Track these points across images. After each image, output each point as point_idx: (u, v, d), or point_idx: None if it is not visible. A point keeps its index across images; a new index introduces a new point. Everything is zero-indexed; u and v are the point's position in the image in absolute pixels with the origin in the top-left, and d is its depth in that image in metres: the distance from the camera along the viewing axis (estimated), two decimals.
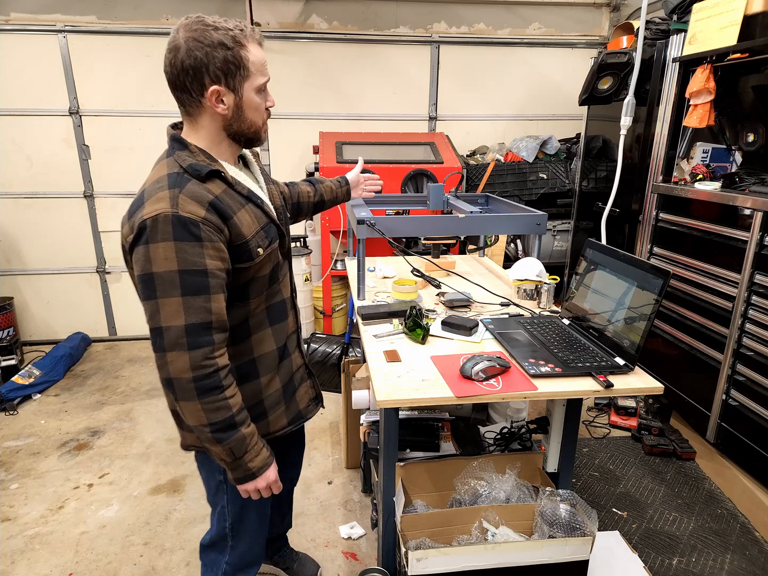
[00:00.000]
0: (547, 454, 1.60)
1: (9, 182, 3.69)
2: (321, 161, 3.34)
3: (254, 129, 1.15)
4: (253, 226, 1.13)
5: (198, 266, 1.02)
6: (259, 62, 1.10)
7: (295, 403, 1.37)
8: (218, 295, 1.06)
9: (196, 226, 1.01)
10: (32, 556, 2.04)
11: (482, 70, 3.95)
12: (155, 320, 1.04)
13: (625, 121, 2.69)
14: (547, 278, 1.86)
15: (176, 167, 1.08)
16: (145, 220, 1.01)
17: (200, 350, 1.04)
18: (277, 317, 1.27)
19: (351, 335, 3.24)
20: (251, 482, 1.17)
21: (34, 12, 3.46)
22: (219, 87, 1.06)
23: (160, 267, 1.01)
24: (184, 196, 1.03)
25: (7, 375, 3.31)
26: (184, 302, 1.02)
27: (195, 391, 1.04)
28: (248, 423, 1.13)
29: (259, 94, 1.12)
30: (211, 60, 1.03)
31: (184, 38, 1.03)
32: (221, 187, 1.10)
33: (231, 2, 3.59)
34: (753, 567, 1.94)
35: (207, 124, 1.12)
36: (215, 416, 1.07)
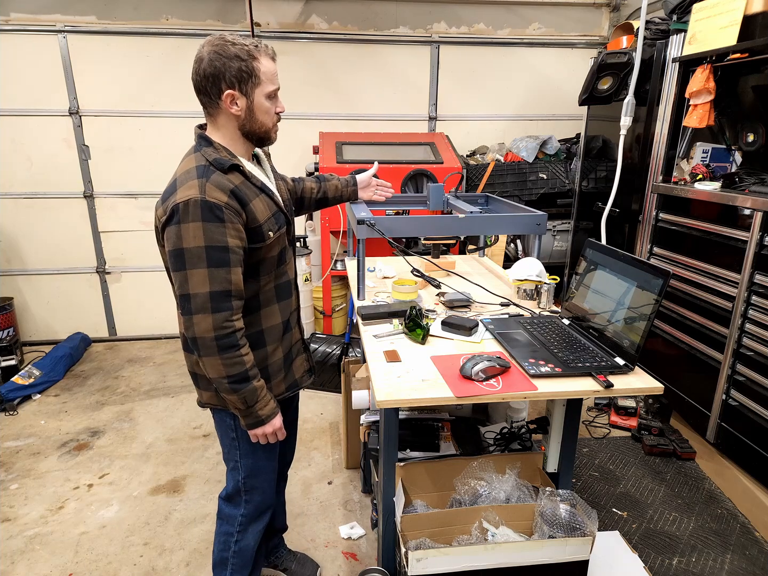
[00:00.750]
0: (547, 454, 1.60)
1: (9, 182, 3.69)
2: (321, 161, 3.34)
3: (264, 129, 1.33)
4: (265, 213, 1.32)
5: (221, 243, 1.21)
6: (269, 72, 1.27)
7: (292, 373, 1.53)
8: (237, 269, 1.24)
9: (220, 209, 1.20)
10: (32, 556, 2.04)
11: (482, 70, 3.95)
12: (184, 288, 1.22)
13: (624, 121, 2.69)
14: (547, 278, 1.86)
15: (203, 161, 1.26)
16: (178, 203, 1.19)
17: (222, 314, 1.22)
18: (283, 295, 1.45)
19: (351, 335, 3.24)
20: (261, 428, 1.36)
21: (34, 12, 3.46)
22: (233, 91, 1.24)
23: (189, 243, 1.19)
24: (210, 185, 1.21)
25: (7, 375, 3.31)
26: (209, 273, 1.20)
27: (216, 348, 1.23)
28: (259, 378, 1.32)
29: (269, 99, 1.30)
30: (228, 69, 1.22)
31: (207, 51, 1.23)
32: (240, 178, 1.29)
33: (231, 2, 3.59)
34: (753, 567, 1.94)
35: (225, 124, 1.30)
36: (232, 370, 1.26)
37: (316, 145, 3.60)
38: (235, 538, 1.55)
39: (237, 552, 1.55)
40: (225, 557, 1.56)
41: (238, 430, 1.45)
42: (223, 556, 1.56)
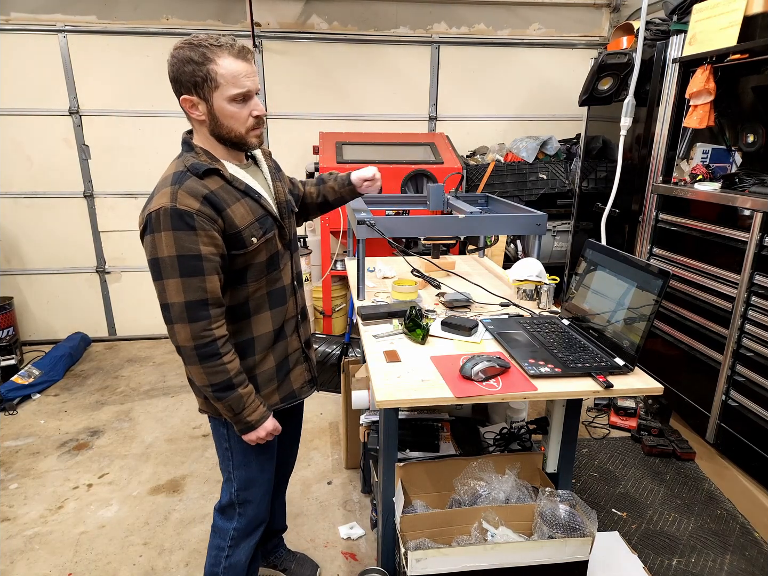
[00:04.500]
0: (547, 454, 1.60)
1: (9, 182, 3.69)
2: (321, 161, 3.34)
3: (234, 135, 1.26)
4: (247, 218, 1.27)
5: (193, 252, 1.18)
6: (231, 74, 1.19)
7: (289, 383, 1.49)
8: (212, 276, 1.22)
9: (191, 217, 1.17)
10: (31, 556, 2.03)
11: (482, 70, 3.95)
12: (163, 297, 1.21)
13: (625, 121, 2.69)
14: (546, 279, 1.86)
15: (182, 166, 1.24)
16: (151, 213, 1.18)
17: (199, 323, 1.21)
18: (276, 302, 1.40)
19: (351, 335, 3.24)
20: (252, 432, 1.35)
21: (34, 12, 3.46)
22: (190, 96, 1.21)
23: (163, 253, 1.18)
24: (182, 191, 1.18)
25: (7, 375, 3.30)
26: (182, 282, 1.19)
27: (197, 357, 1.23)
28: (245, 384, 1.31)
29: (234, 103, 1.22)
30: (182, 74, 1.19)
31: (170, 54, 1.20)
32: (218, 183, 1.25)
33: (231, 2, 3.59)
34: (752, 568, 1.94)
35: (199, 129, 1.28)
36: (215, 378, 1.25)
37: (316, 145, 3.60)
38: (226, 553, 1.52)
39: (227, 568, 1.52)
40: (216, 572, 1.54)
41: (231, 440, 1.43)
42: (214, 571, 1.54)
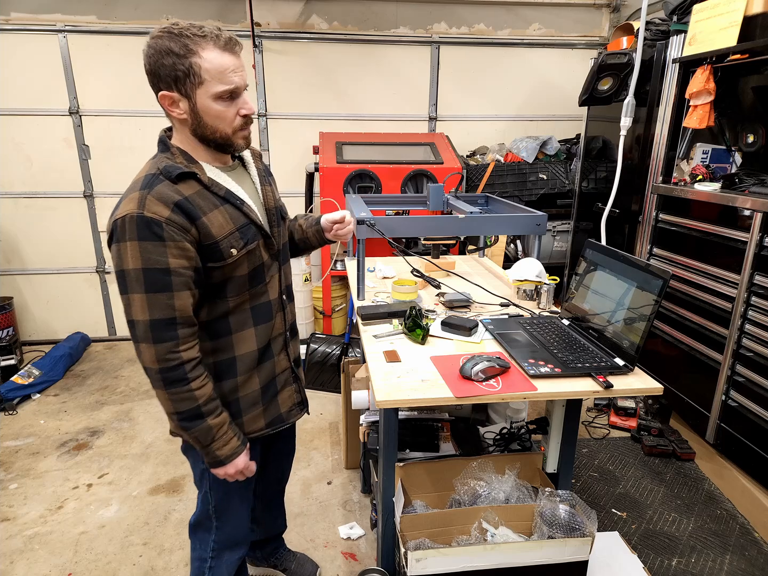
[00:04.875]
0: (547, 454, 1.60)
1: (9, 182, 3.69)
2: (321, 161, 3.34)
3: (219, 135, 1.15)
4: (226, 227, 1.16)
5: (161, 264, 1.07)
6: (216, 70, 1.08)
7: (276, 406, 1.38)
8: (182, 293, 1.10)
9: (159, 226, 1.06)
10: (31, 556, 2.03)
11: (482, 70, 3.95)
12: (128, 313, 1.11)
13: (625, 121, 2.69)
14: (546, 279, 1.86)
15: (154, 169, 1.13)
16: (117, 220, 1.08)
17: (164, 344, 1.10)
18: (261, 318, 1.29)
19: (351, 335, 3.24)
20: (221, 468, 1.24)
21: (34, 12, 3.46)
22: (170, 93, 1.10)
23: (128, 264, 1.07)
24: (151, 197, 1.07)
25: (7, 375, 3.30)
26: (147, 299, 1.08)
27: (162, 382, 1.12)
28: (217, 413, 1.18)
29: (220, 101, 1.11)
30: (161, 67, 1.07)
31: (146, 44, 1.08)
32: (195, 188, 1.13)
33: (231, 2, 3.59)
34: (752, 568, 1.94)
35: (179, 128, 1.17)
36: (180, 406, 1.14)
37: (316, 145, 3.60)
38: (209, 564, 1.45)
39: None
40: None
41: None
42: None
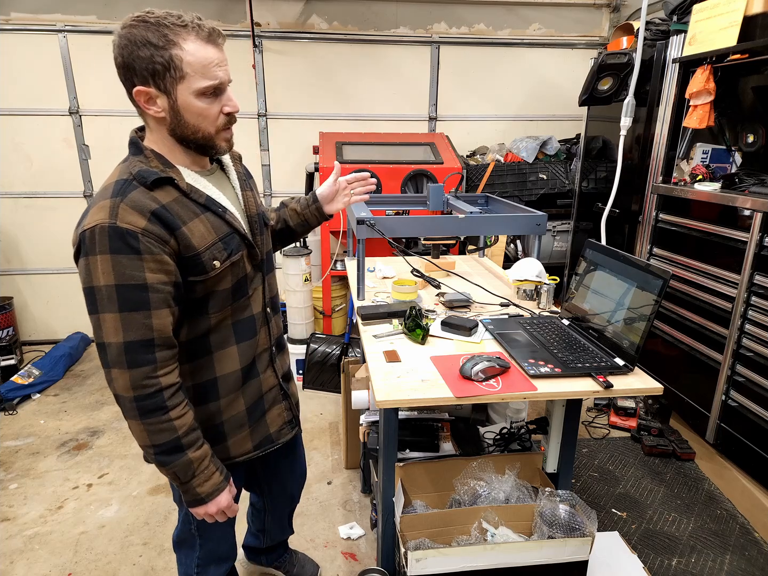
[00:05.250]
0: (547, 454, 1.60)
1: (9, 182, 3.69)
2: (321, 161, 3.34)
3: (201, 135, 1.06)
4: (208, 237, 1.07)
5: (137, 280, 0.97)
6: (200, 63, 0.99)
7: (264, 426, 1.29)
8: (160, 311, 1.01)
9: (135, 237, 0.96)
10: (31, 556, 2.03)
11: (482, 70, 3.94)
12: (98, 335, 1.00)
13: (625, 121, 2.69)
14: (546, 279, 1.86)
15: (126, 173, 1.03)
16: (85, 231, 0.98)
17: (140, 369, 0.99)
18: (244, 334, 1.20)
19: (351, 335, 3.24)
20: (201, 507, 1.12)
21: (34, 11, 3.46)
22: (146, 88, 1.00)
23: (99, 281, 0.97)
24: (124, 206, 0.98)
25: (7, 375, 3.30)
26: (122, 318, 0.98)
27: (136, 411, 1.01)
28: (198, 445, 1.08)
29: (203, 97, 1.02)
30: (136, 59, 0.98)
31: (118, 34, 0.99)
32: (173, 195, 1.04)
33: (231, 2, 3.59)
34: (752, 568, 1.94)
35: (155, 128, 1.07)
36: (158, 438, 1.03)
37: (316, 145, 3.60)
38: None
39: None
40: None
41: None
42: None
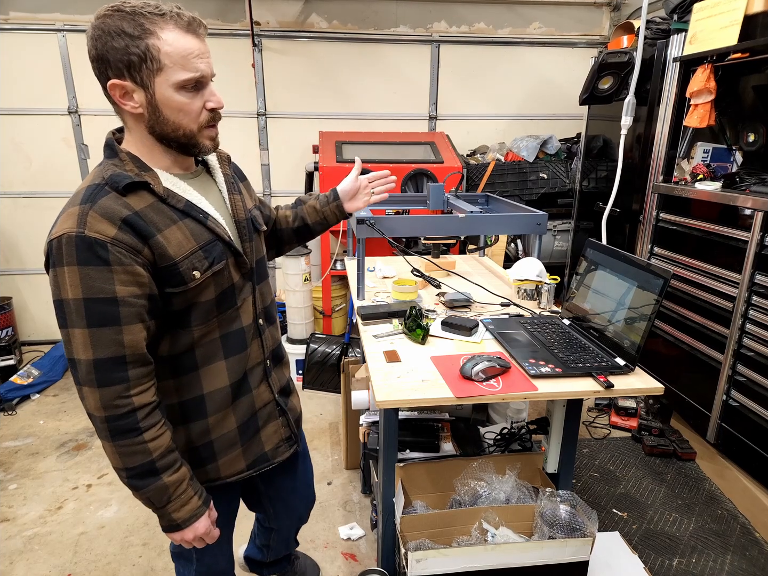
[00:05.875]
0: (547, 454, 1.60)
1: (8, 182, 3.68)
2: (321, 161, 3.33)
3: (183, 133, 0.99)
4: (186, 246, 1.00)
5: (106, 294, 0.92)
6: (178, 54, 0.93)
7: (259, 445, 1.22)
8: (133, 326, 0.95)
9: (104, 247, 0.91)
10: (31, 556, 2.03)
11: (482, 69, 3.94)
12: (68, 350, 0.96)
13: (625, 120, 2.68)
14: (547, 278, 1.85)
15: (99, 178, 0.98)
16: (53, 240, 0.93)
17: (111, 388, 0.94)
18: (233, 348, 1.12)
19: (350, 335, 3.23)
20: (177, 533, 1.06)
21: (33, 11, 3.45)
22: (121, 81, 0.94)
23: (67, 294, 0.92)
24: (94, 213, 0.92)
25: (6, 375, 3.30)
26: (90, 334, 0.92)
27: (108, 432, 0.96)
28: (175, 468, 1.02)
29: (183, 91, 0.96)
30: (110, 50, 0.91)
31: (91, 25, 0.93)
32: (148, 200, 0.98)
33: (231, 1, 3.59)
34: (753, 568, 1.94)
35: (133, 126, 1.02)
36: (130, 461, 0.98)
37: (315, 144, 3.59)
38: None
39: None
40: None
41: None
42: None
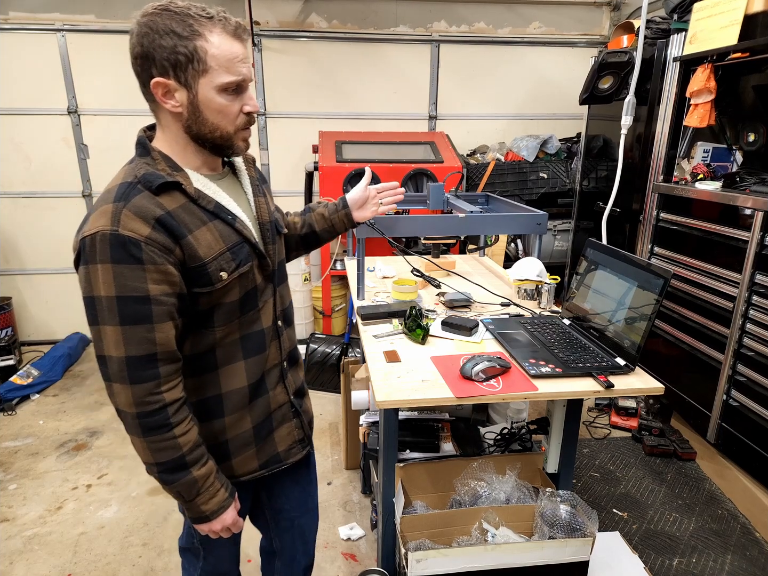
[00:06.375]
0: (548, 454, 1.60)
1: (8, 182, 3.68)
2: (320, 161, 3.33)
3: (220, 134, 1.01)
4: (215, 247, 1.02)
5: (139, 292, 0.93)
6: (224, 57, 0.94)
7: (272, 445, 1.23)
8: (164, 324, 0.96)
9: (138, 246, 0.92)
10: (31, 556, 2.03)
11: (482, 69, 3.94)
12: (98, 348, 0.97)
13: (625, 120, 2.68)
14: (547, 278, 1.85)
15: (131, 176, 0.99)
16: (85, 238, 0.93)
17: (143, 385, 0.96)
18: (253, 349, 1.14)
19: (350, 335, 3.23)
20: (205, 524, 1.09)
21: (33, 11, 3.45)
22: (165, 80, 0.94)
23: (99, 291, 0.93)
24: (127, 212, 0.93)
25: (6, 375, 3.30)
26: (123, 332, 0.94)
27: (139, 428, 0.98)
28: (203, 462, 1.05)
29: (225, 94, 0.98)
30: (158, 49, 0.92)
31: (137, 23, 0.93)
32: (179, 201, 0.99)
33: (230, 1, 3.58)
34: (753, 568, 1.94)
35: (168, 125, 1.02)
36: (161, 456, 1.00)
37: (315, 144, 3.59)
38: None
39: None
40: None
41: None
42: None
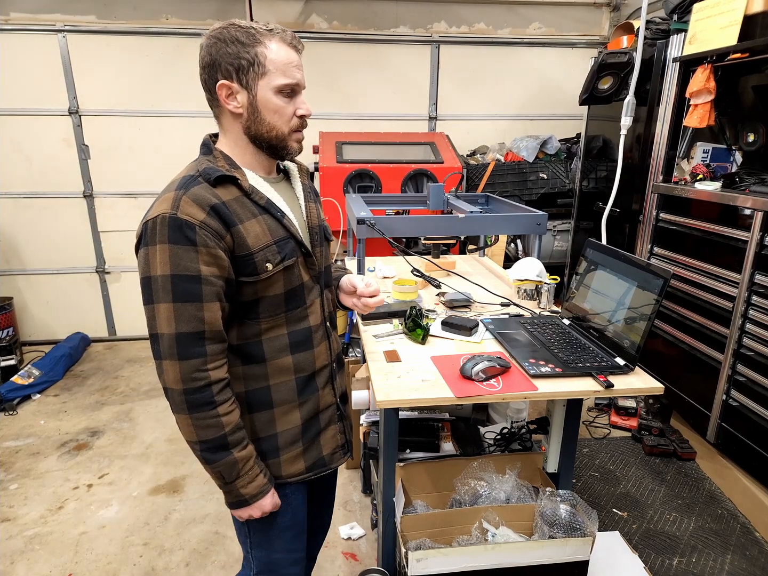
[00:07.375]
0: (548, 454, 1.60)
1: (8, 182, 3.68)
2: (321, 161, 3.33)
3: (276, 134, 1.08)
4: (263, 239, 1.07)
5: (191, 271, 0.99)
6: (281, 62, 1.04)
7: (318, 447, 1.22)
8: (212, 304, 1.02)
9: (192, 229, 0.99)
10: (32, 556, 2.03)
11: (482, 69, 3.94)
12: (152, 326, 1.02)
13: (625, 121, 2.69)
14: (547, 278, 1.86)
15: (194, 170, 1.07)
16: (148, 222, 1.01)
17: (191, 361, 1.00)
18: (300, 345, 1.17)
19: (351, 335, 3.23)
20: (244, 509, 1.11)
21: (34, 12, 3.46)
22: (229, 82, 1.04)
23: (156, 270, 0.99)
24: (186, 198, 1.01)
25: (7, 375, 3.30)
26: (175, 309, 0.99)
27: (185, 405, 1.01)
28: (243, 445, 1.07)
29: (281, 96, 1.06)
30: (223, 55, 1.02)
31: (207, 37, 1.05)
32: (234, 194, 1.06)
33: (231, 1, 3.59)
34: (753, 567, 1.94)
35: (229, 127, 1.10)
36: (205, 434, 1.03)
37: (316, 144, 3.59)
38: None
39: None
40: None
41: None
42: None
